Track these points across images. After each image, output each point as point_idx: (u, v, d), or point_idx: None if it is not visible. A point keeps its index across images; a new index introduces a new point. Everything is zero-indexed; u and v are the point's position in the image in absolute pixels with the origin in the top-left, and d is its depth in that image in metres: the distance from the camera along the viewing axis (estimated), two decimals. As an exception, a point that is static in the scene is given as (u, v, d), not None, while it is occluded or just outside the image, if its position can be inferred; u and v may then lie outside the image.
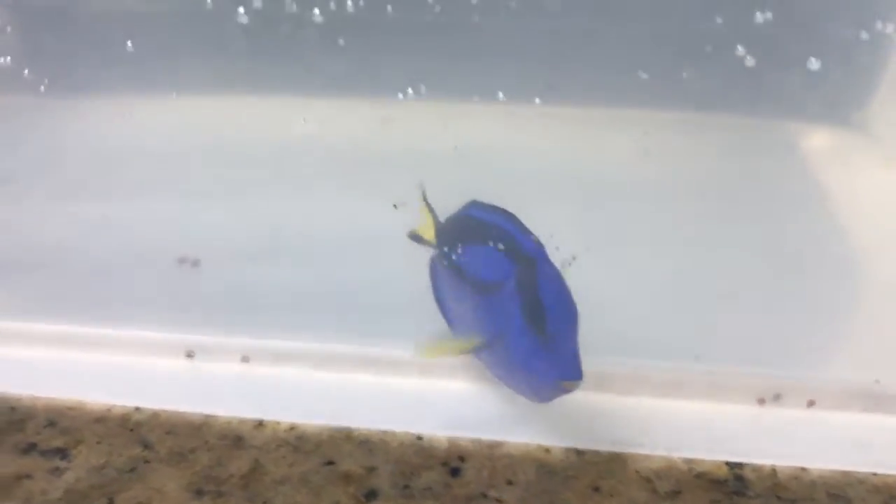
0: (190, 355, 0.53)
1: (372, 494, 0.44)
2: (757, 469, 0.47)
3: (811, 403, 0.50)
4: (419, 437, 0.48)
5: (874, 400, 0.50)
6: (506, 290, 0.44)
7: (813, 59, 0.82)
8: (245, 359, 0.53)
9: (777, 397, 0.50)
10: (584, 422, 0.49)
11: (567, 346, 0.42)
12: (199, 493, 0.44)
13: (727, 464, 0.47)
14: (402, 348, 0.51)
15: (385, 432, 0.48)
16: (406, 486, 0.45)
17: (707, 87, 0.86)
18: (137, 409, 0.50)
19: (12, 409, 0.50)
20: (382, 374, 0.52)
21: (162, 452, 0.47)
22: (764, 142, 0.89)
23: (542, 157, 0.82)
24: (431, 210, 0.51)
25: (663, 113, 0.90)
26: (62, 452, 0.47)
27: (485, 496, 0.44)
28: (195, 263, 0.60)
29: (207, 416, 0.49)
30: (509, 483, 0.45)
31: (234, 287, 0.59)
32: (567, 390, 0.42)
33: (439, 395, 0.51)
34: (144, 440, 0.48)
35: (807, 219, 0.75)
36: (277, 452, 0.47)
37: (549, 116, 0.87)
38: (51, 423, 0.49)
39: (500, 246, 0.45)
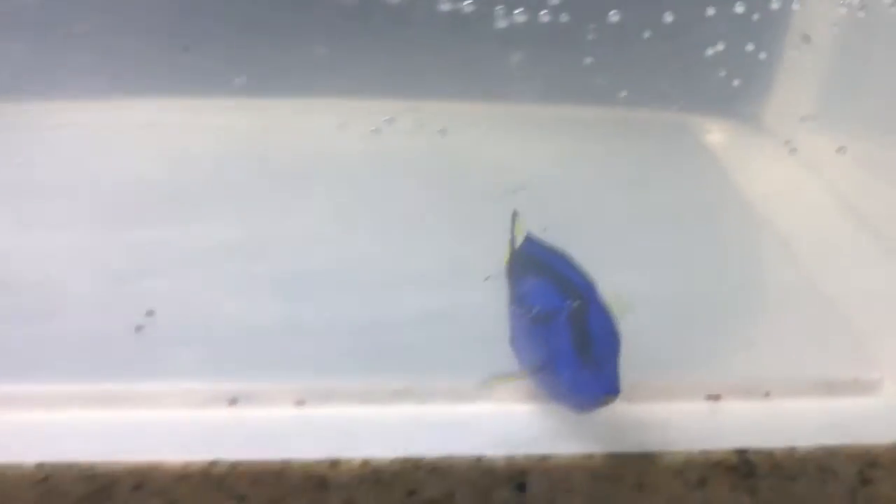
0: (233, 402, 0.57)
1: (460, 519, 0.50)
2: (758, 452, 0.56)
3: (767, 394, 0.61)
4: (478, 459, 0.54)
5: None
6: (558, 321, 0.53)
7: (710, 57, 0.92)
8: (300, 402, 0.57)
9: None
10: (613, 428, 0.57)
11: (608, 368, 0.51)
12: (306, 538, 0.49)
13: (735, 451, 0.56)
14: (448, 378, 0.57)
15: (449, 457, 0.54)
16: (486, 507, 0.51)
17: (605, 83, 0.94)
18: (213, 462, 0.53)
19: (91, 477, 0.52)
20: (431, 403, 0.58)
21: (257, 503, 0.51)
22: (663, 136, 0.99)
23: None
24: (513, 238, 0.61)
25: (560, 109, 0.97)
26: (163, 516, 0.50)
27: (554, 506, 0.52)
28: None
29: (283, 462, 0.53)
30: (569, 491, 0.53)
31: (268, 328, 0.62)
32: (606, 403, 0.51)
33: (488, 417, 0.57)
34: (236, 493, 0.51)
35: (708, 212, 0.85)
36: (362, 489, 0.52)
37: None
38: (138, 487, 0.51)
39: (554, 282, 0.55)
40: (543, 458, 0.55)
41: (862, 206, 0.83)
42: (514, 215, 0.63)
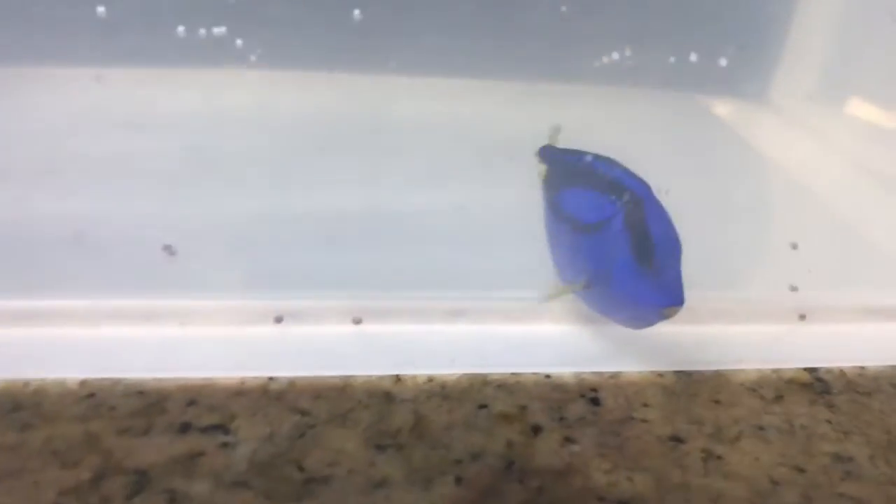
0: (282, 319, 0.54)
1: (537, 429, 0.48)
2: (829, 371, 0.55)
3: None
4: (547, 376, 0.52)
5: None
6: (611, 229, 0.48)
7: (718, 41, 0.92)
8: (357, 320, 0.54)
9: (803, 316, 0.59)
10: (680, 348, 0.55)
11: (671, 276, 0.47)
12: (380, 448, 0.46)
13: (805, 370, 0.55)
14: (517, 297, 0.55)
15: (515, 374, 0.52)
16: (562, 419, 0.49)
17: (622, 65, 0.95)
18: (271, 378, 0.50)
19: (140, 393, 0.48)
20: (496, 323, 0.55)
21: (322, 416, 0.48)
22: (677, 112, 0.99)
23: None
24: (545, 157, 0.56)
25: (580, 87, 0.97)
26: (222, 429, 0.46)
27: (632, 418, 0.49)
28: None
29: (345, 378, 0.50)
30: (645, 405, 0.51)
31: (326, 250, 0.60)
32: (668, 316, 0.47)
33: (555, 336, 0.55)
34: (298, 407, 0.48)
35: (720, 178, 0.85)
36: (431, 403, 0.49)
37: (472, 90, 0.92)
38: (192, 402, 0.48)
39: (602, 186, 0.50)
40: (614, 376, 0.53)
41: (873, 165, 0.83)
42: (555, 129, 0.57)
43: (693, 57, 0.94)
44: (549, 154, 0.56)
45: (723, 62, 0.94)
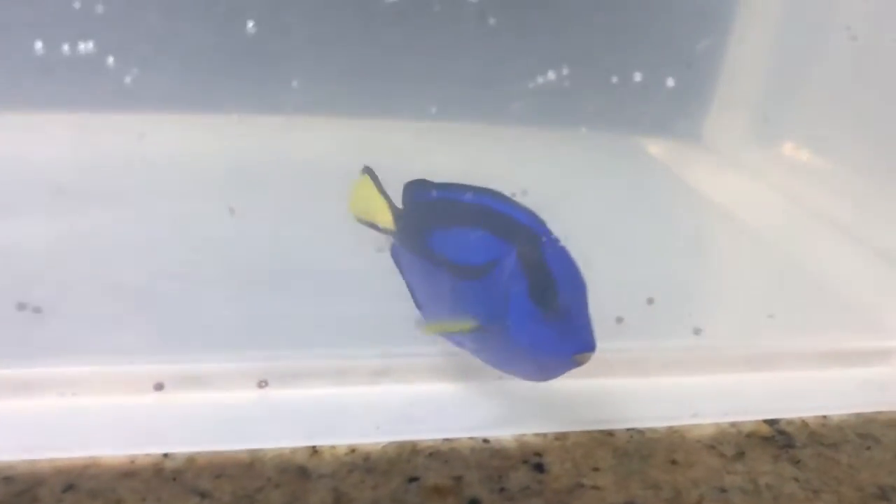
0: (159, 388, 0.47)
1: (475, 502, 0.42)
2: (790, 422, 0.50)
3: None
4: (486, 440, 0.46)
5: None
6: (503, 271, 0.41)
7: (654, 82, 0.91)
8: (263, 383, 0.47)
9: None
10: (630, 403, 0.50)
11: (579, 319, 0.40)
12: (296, 533, 0.39)
13: (764, 421, 0.50)
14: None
15: (449, 440, 0.46)
16: (503, 489, 0.43)
17: (564, 106, 0.93)
18: (165, 455, 0.43)
19: (6, 479, 0.41)
20: (425, 381, 0.49)
21: (225, 499, 0.41)
22: (612, 153, 0.97)
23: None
24: (385, 194, 0.50)
25: (515, 128, 0.94)
26: (105, 518, 0.39)
27: (582, 486, 0.44)
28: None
29: (252, 452, 0.44)
30: (595, 469, 0.45)
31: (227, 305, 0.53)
32: (579, 363, 0.40)
33: (491, 393, 0.49)
34: (197, 488, 0.41)
35: (656, 215, 0.82)
36: (352, 477, 0.43)
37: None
38: (70, 487, 0.40)
39: (484, 223, 0.43)
40: (559, 437, 0.47)
41: (810, 200, 0.82)
42: (368, 170, 0.51)
43: (627, 97, 0.93)
44: (416, 191, 0.48)
45: (656, 103, 0.92)
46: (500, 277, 0.41)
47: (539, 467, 0.45)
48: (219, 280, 0.56)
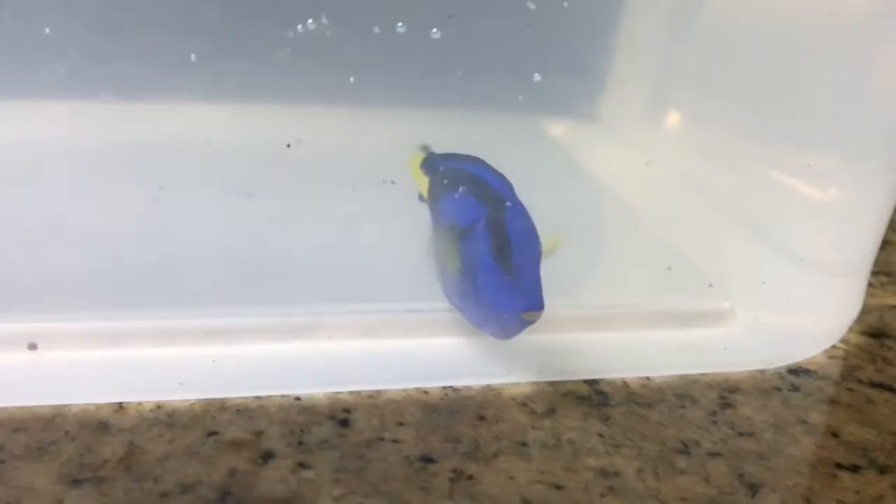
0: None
1: (268, 455, 0.43)
2: (610, 382, 0.51)
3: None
4: (297, 398, 0.47)
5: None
6: (476, 232, 0.46)
7: (551, 65, 0.92)
8: (45, 343, 0.48)
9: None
10: (452, 362, 0.51)
11: (529, 279, 0.44)
12: (76, 482, 0.40)
13: (585, 381, 0.51)
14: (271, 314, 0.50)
15: (260, 398, 0.47)
16: (300, 443, 0.44)
17: (465, 88, 0.93)
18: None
19: None
20: (244, 343, 0.50)
21: (17, 451, 0.41)
22: (511, 134, 0.98)
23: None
24: (426, 169, 0.55)
25: (415, 111, 0.95)
26: None
27: (381, 439, 0.45)
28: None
29: (57, 408, 0.44)
30: (400, 424, 0.46)
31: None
32: (529, 322, 0.44)
33: (309, 356, 0.50)
34: (-11, 441, 0.42)
35: (556, 196, 0.82)
36: (152, 432, 0.44)
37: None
38: None
39: (473, 190, 0.49)
40: (373, 395, 0.48)
41: (696, 180, 0.83)
42: (424, 147, 0.57)
43: (526, 79, 0.93)
44: (431, 164, 0.55)
45: (555, 84, 0.93)
46: (474, 238, 0.46)
47: (344, 423, 0.46)
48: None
